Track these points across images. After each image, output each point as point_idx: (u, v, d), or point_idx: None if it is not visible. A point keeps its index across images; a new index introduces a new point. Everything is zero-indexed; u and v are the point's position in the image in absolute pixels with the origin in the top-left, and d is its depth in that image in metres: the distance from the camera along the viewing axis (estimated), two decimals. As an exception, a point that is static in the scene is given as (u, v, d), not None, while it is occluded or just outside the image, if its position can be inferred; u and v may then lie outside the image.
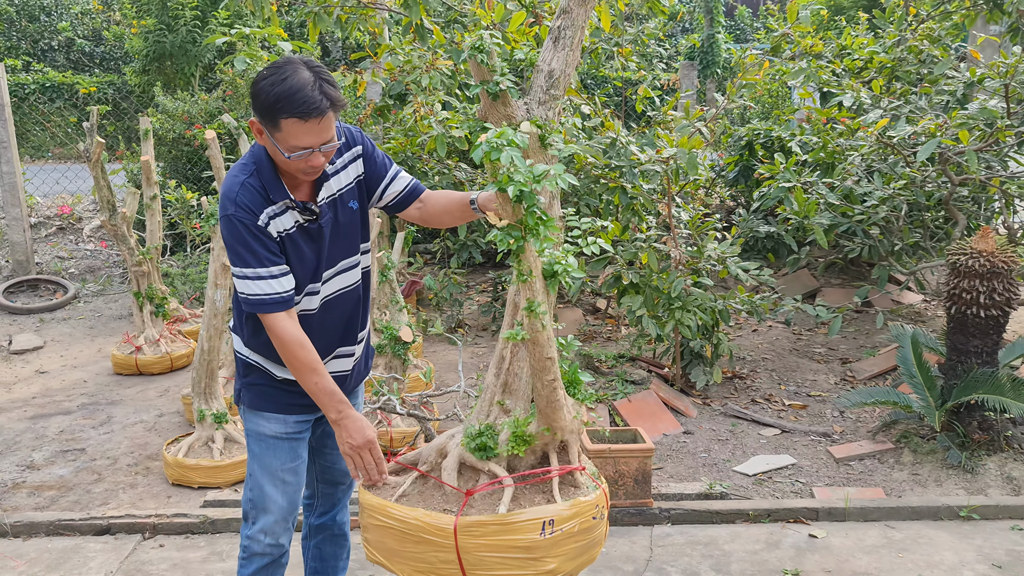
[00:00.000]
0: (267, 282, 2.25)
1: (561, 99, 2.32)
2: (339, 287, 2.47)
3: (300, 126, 2.13)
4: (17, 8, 19.85)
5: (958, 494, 3.92)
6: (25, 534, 3.67)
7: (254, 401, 2.49)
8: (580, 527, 2.19)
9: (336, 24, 5.64)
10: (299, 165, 2.21)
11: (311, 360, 2.27)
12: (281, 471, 2.48)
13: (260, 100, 2.17)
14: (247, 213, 2.23)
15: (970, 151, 4.50)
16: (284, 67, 2.17)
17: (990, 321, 4.16)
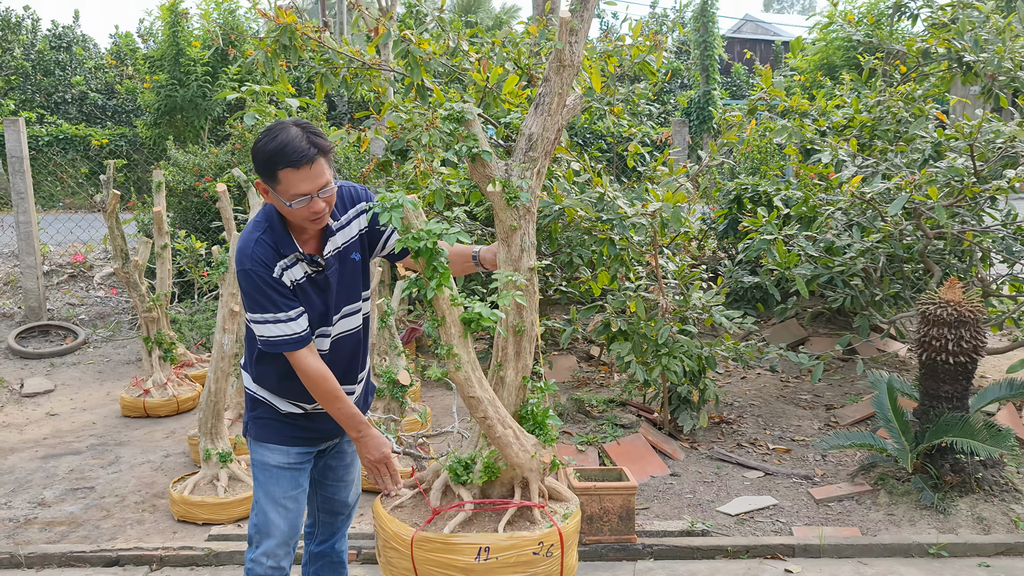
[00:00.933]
0: (285, 324, 2.49)
1: (539, 160, 2.57)
2: (342, 330, 2.69)
3: (295, 174, 2.39)
4: (33, 63, 20.43)
5: (930, 533, 4.09)
6: (39, 565, 3.86)
7: (260, 433, 2.71)
8: (517, 559, 2.39)
9: (342, 84, 5.97)
10: (303, 213, 2.45)
11: (334, 389, 2.52)
12: (283, 498, 2.69)
13: (259, 160, 2.45)
14: (262, 267, 2.47)
15: (939, 206, 4.76)
16: (274, 128, 2.46)
17: (959, 367, 4.37)
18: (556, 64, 2.53)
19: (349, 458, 2.94)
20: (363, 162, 8.34)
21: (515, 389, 2.64)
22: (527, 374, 2.64)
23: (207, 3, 14.84)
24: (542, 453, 2.51)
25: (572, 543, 2.53)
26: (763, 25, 33.92)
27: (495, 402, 2.42)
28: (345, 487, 2.96)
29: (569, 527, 2.53)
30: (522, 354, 2.61)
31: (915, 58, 6.54)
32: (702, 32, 18.56)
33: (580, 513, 2.62)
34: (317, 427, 2.74)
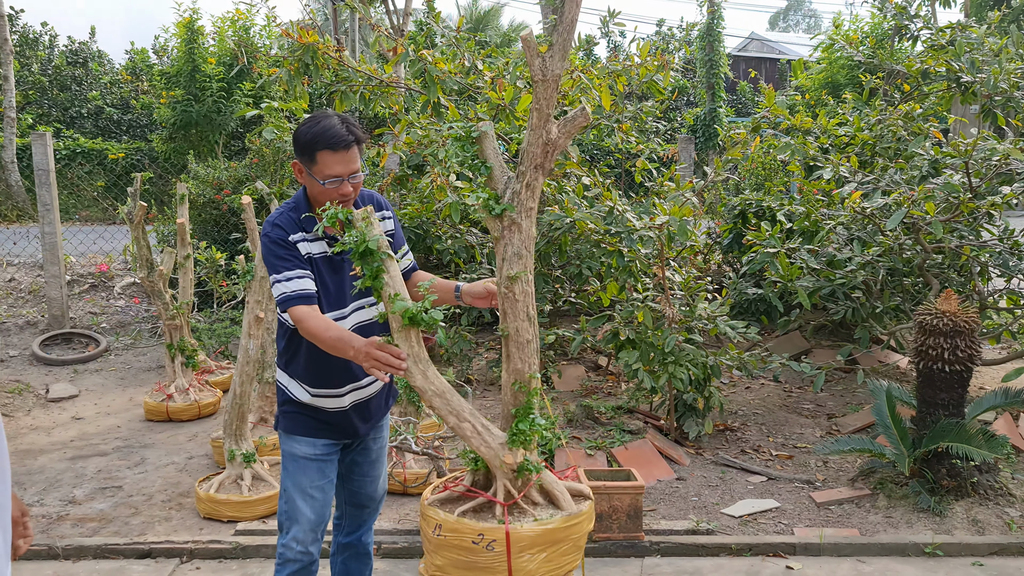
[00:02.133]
0: (292, 281, 2.68)
1: (527, 173, 2.70)
2: (363, 319, 2.87)
3: (332, 156, 2.67)
4: (50, 78, 20.77)
5: (926, 534, 4.26)
6: (75, 557, 4.06)
7: (288, 426, 2.91)
8: (459, 542, 2.59)
9: (360, 101, 6.20)
10: (332, 193, 2.70)
11: (336, 332, 2.61)
12: (310, 488, 2.86)
13: (300, 141, 2.72)
14: (281, 231, 2.73)
15: (936, 221, 4.96)
16: (318, 115, 2.76)
17: (955, 376, 4.54)
18: (535, 80, 2.66)
19: (374, 455, 3.10)
20: (378, 177, 8.57)
21: (508, 390, 2.79)
22: (520, 378, 2.75)
23: (223, 20, 15.17)
24: (505, 454, 2.63)
25: (532, 547, 2.55)
26: (768, 43, 34.21)
27: (444, 395, 2.57)
28: (371, 482, 3.11)
29: (527, 530, 2.55)
30: (512, 359, 2.74)
31: (915, 78, 6.75)
32: (708, 51, 18.83)
33: (569, 524, 2.61)
34: (338, 423, 2.90)
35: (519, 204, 2.66)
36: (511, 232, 2.68)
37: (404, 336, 2.49)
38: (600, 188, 5.67)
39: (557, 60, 2.59)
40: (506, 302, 2.69)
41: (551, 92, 2.60)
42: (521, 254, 2.66)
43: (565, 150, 6.28)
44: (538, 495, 2.68)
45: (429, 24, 6.72)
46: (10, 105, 16.83)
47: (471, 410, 2.62)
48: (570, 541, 2.59)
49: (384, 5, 15.72)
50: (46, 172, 7.85)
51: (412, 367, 2.51)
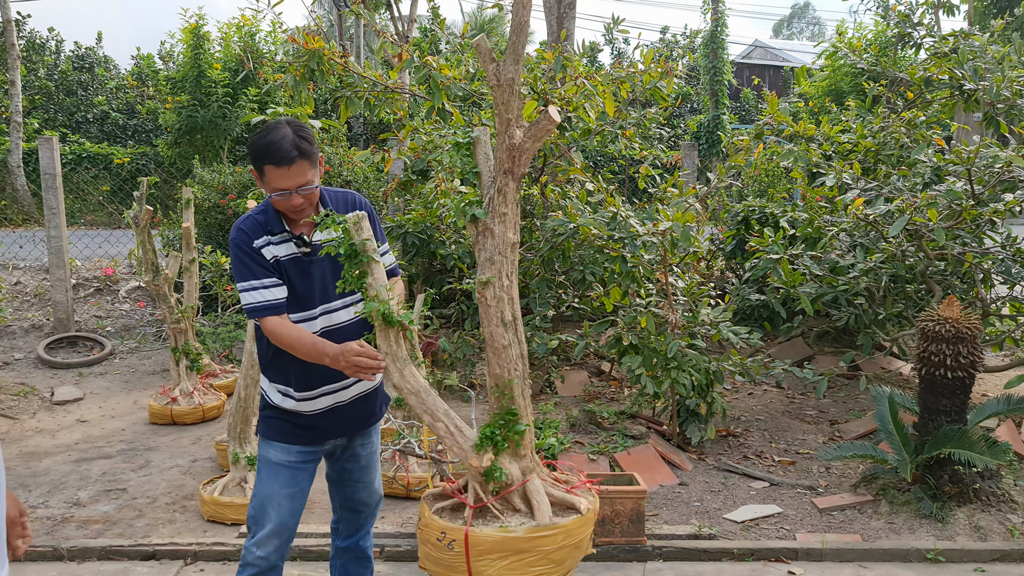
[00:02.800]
0: (260, 291, 2.73)
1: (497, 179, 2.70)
2: (334, 323, 2.86)
3: (276, 171, 2.69)
4: (56, 83, 20.87)
5: (928, 540, 4.27)
6: (79, 558, 4.08)
7: (266, 430, 2.93)
8: (427, 537, 2.64)
9: (365, 106, 6.23)
10: (282, 204, 2.75)
11: (308, 341, 2.68)
12: (279, 494, 2.86)
13: (251, 152, 2.77)
14: (245, 236, 2.76)
15: (938, 228, 4.97)
16: (269, 126, 2.75)
17: (957, 382, 4.55)
18: (491, 86, 2.65)
19: (364, 461, 3.09)
20: (382, 182, 8.60)
21: (492, 394, 2.79)
22: (500, 383, 2.74)
23: (228, 27, 15.23)
24: (473, 456, 2.63)
25: (491, 553, 2.53)
26: (772, 51, 34.27)
27: (419, 394, 2.59)
28: (363, 487, 3.11)
29: (485, 535, 2.53)
30: (491, 364, 2.72)
31: (918, 86, 6.78)
32: (712, 58, 18.87)
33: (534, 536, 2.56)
34: (316, 426, 2.89)
35: (492, 210, 2.67)
36: (484, 237, 2.68)
37: (384, 335, 2.54)
38: (603, 194, 5.69)
39: (509, 64, 2.60)
40: (481, 308, 2.70)
41: (508, 96, 2.60)
42: (494, 259, 2.66)
43: (568, 157, 6.32)
44: (520, 502, 2.66)
45: (434, 31, 6.76)
46: (16, 110, 16.91)
47: (446, 410, 2.64)
48: (538, 552, 2.51)
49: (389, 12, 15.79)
50: (52, 176, 7.89)
51: (390, 365, 2.55)
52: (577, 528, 2.61)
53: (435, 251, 7.06)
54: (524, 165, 2.69)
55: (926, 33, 7.13)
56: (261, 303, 2.73)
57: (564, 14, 9.35)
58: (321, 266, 2.83)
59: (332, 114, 15.61)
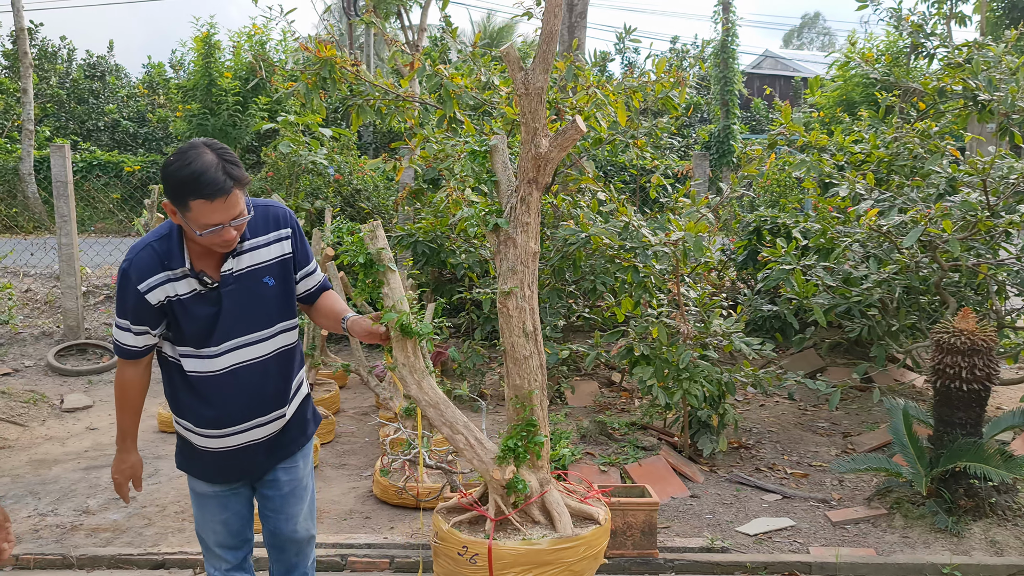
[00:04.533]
0: (126, 334, 2.56)
1: (521, 188, 2.69)
2: (245, 358, 2.58)
3: (207, 206, 2.33)
4: (68, 91, 20.99)
5: (944, 555, 4.21)
6: (89, 567, 4.06)
7: (180, 463, 2.80)
8: (447, 552, 2.61)
9: (376, 115, 6.24)
10: (213, 240, 2.41)
11: (125, 401, 2.71)
12: (212, 522, 2.78)
13: (169, 184, 2.37)
14: (137, 274, 2.47)
15: (953, 239, 4.93)
16: (188, 152, 2.37)
17: (972, 394, 4.51)
18: (519, 94, 2.64)
19: (287, 488, 2.79)
20: (393, 190, 8.60)
21: (510, 405, 2.77)
22: (519, 394, 2.72)
23: (239, 35, 15.31)
24: (494, 469, 2.60)
25: (515, 566, 2.51)
26: (782, 61, 34.25)
27: (438, 406, 2.56)
28: (286, 519, 2.82)
29: (509, 548, 2.52)
30: (510, 374, 2.71)
31: (931, 96, 6.74)
32: (722, 68, 18.86)
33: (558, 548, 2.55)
34: (230, 464, 2.69)
35: (514, 219, 2.64)
36: (506, 247, 2.66)
37: (400, 345, 2.51)
38: (615, 203, 5.67)
39: (539, 73, 2.57)
40: (502, 318, 2.68)
41: (536, 105, 2.57)
42: (516, 269, 2.63)
43: (580, 166, 6.30)
44: (539, 514, 2.63)
45: (444, 40, 6.76)
46: (28, 118, 17.00)
47: (465, 422, 2.61)
48: (561, 565, 2.50)
49: (399, 20, 15.83)
50: (64, 184, 7.91)
51: (407, 376, 2.52)
52: (597, 539, 2.60)
53: (445, 260, 7.04)
54: (548, 174, 2.68)
55: (939, 44, 7.09)
56: (122, 345, 2.60)
57: (575, 23, 9.35)
58: (232, 298, 2.55)
59: (342, 122, 15.65)
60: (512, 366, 2.70)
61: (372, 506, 4.88)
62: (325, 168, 8.20)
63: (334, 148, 8.92)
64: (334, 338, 8.06)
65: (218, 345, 2.54)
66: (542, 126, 2.60)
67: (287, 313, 2.66)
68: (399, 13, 15.80)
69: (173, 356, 2.63)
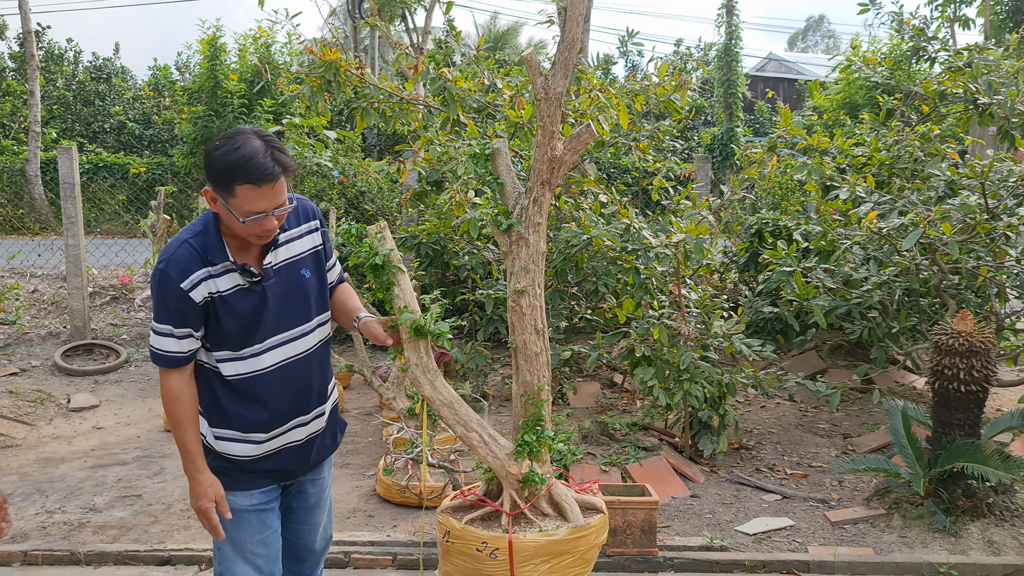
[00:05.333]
0: (168, 339, 2.39)
1: (533, 189, 2.74)
2: (290, 355, 2.52)
3: (254, 192, 2.28)
4: (74, 93, 21.09)
5: (941, 554, 4.25)
6: (96, 563, 4.12)
7: (219, 478, 2.52)
8: (464, 549, 2.63)
9: (380, 117, 6.29)
10: (253, 230, 2.34)
11: (180, 415, 2.43)
12: (250, 543, 2.53)
13: (214, 169, 2.31)
14: (177, 272, 2.35)
15: (952, 241, 4.97)
16: (236, 137, 2.32)
17: (970, 396, 4.54)
18: (538, 99, 2.70)
19: (313, 499, 2.76)
20: (397, 192, 8.65)
21: (518, 402, 2.83)
22: (529, 390, 2.77)
23: (245, 38, 15.39)
24: (511, 464, 2.66)
25: (535, 557, 2.55)
26: (786, 64, 34.27)
27: (452, 405, 2.60)
28: (309, 531, 2.79)
29: (530, 540, 2.57)
30: (520, 371, 2.77)
31: (932, 99, 6.78)
32: (725, 71, 18.91)
33: (574, 537, 2.60)
34: (273, 468, 2.59)
35: (526, 219, 2.70)
36: (519, 247, 2.71)
37: (412, 346, 2.54)
38: (617, 205, 5.71)
39: (559, 79, 2.63)
40: (514, 315, 2.73)
41: (554, 109, 2.63)
42: (528, 268, 2.70)
43: (582, 168, 6.35)
44: (547, 506, 2.70)
45: (448, 43, 6.82)
46: (35, 119, 17.11)
47: (479, 420, 2.66)
48: (576, 553, 2.57)
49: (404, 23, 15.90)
50: (71, 186, 7.98)
51: (420, 376, 2.56)
52: (604, 527, 2.71)
53: (448, 262, 7.09)
54: (561, 176, 2.74)
55: (940, 47, 7.13)
56: (165, 352, 2.41)
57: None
58: (274, 292, 2.48)
59: (346, 125, 15.72)
60: (523, 363, 2.76)
61: (375, 505, 4.93)
62: (330, 170, 8.26)
63: (339, 151, 8.98)
64: (338, 338, 8.12)
65: (262, 342, 2.47)
66: (558, 130, 2.67)
67: (323, 306, 2.63)
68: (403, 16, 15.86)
69: (209, 363, 2.50)
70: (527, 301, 2.69)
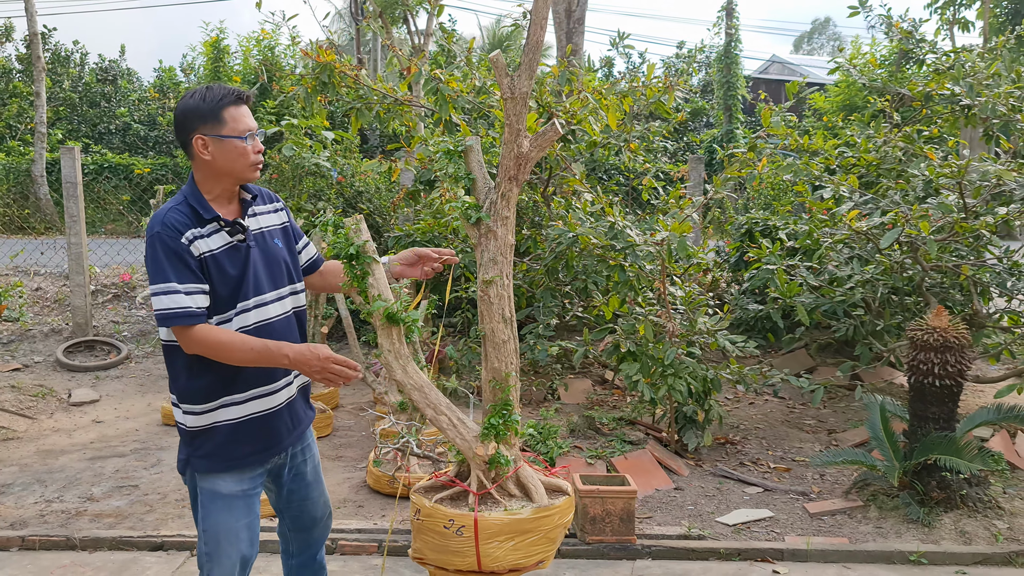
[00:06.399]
0: (180, 296, 2.42)
1: (501, 184, 2.85)
2: (273, 315, 2.66)
3: (239, 110, 2.55)
4: (80, 95, 21.28)
5: (913, 543, 4.36)
6: (91, 548, 4.26)
7: (210, 466, 2.62)
8: (432, 526, 2.75)
9: (375, 118, 6.43)
10: (248, 153, 2.55)
11: (240, 341, 2.48)
12: (237, 526, 2.63)
13: (202, 108, 2.53)
14: (172, 231, 2.45)
15: (930, 240, 5.08)
16: (198, 87, 2.60)
17: (945, 390, 4.65)
18: (504, 98, 2.82)
19: (311, 477, 2.93)
20: (392, 192, 8.78)
21: (487, 387, 2.94)
22: (497, 376, 2.89)
23: (248, 40, 15.55)
24: (478, 446, 2.78)
25: (499, 535, 2.66)
26: (789, 66, 34.33)
27: (422, 389, 2.72)
28: (312, 503, 2.95)
29: (494, 519, 2.67)
30: (489, 358, 2.88)
31: (920, 101, 6.88)
32: (725, 73, 19.01)
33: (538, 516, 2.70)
34: (269, 430, 2.68)
35: (495, 213, 2.82)
36: (487, 239, 2.83)
37: (385, 333, 2.67)
38: (602, 204, 5.84)
39: (524, 79, 2.75)
40: (483, 305, 2.86)
41: (520, 108, 2.75)
42: (496, 260, 2.81)
43: (571, 169, 6.47)
44: (514, 488, 2.82)
45: (444, 45, 6.96)
46: (41, 121, 17.29)
47: (448, 404, 2.79)
48: (540, 532, 2.68)
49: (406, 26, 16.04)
50: (74, 185, 8.13)
51: (393, 362, 2.68)
52: (569, 508, 2.80)
53: (442, 260, 7.20)
54: (527, 172, 2.86)
55: (928, 49, 7.22)
56: (184, 309, 2.42)
57: (573, 29, 9.52)
58: (256, 253, 2.64)
59: (347, 126, 15.86)
60: (491, 350, 2.87)
61: (365, 495, 5.06)
62: (328, 171, 8.39)
63: (337, 151, 9.12)
64: (333, 336, 8.25)
65: (244, 301, 2.57)
66: (524, 128, 2.79)
67: (296, 276, 2.81)
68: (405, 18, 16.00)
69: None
70: (495, 291, 2.81)
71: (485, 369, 2.88)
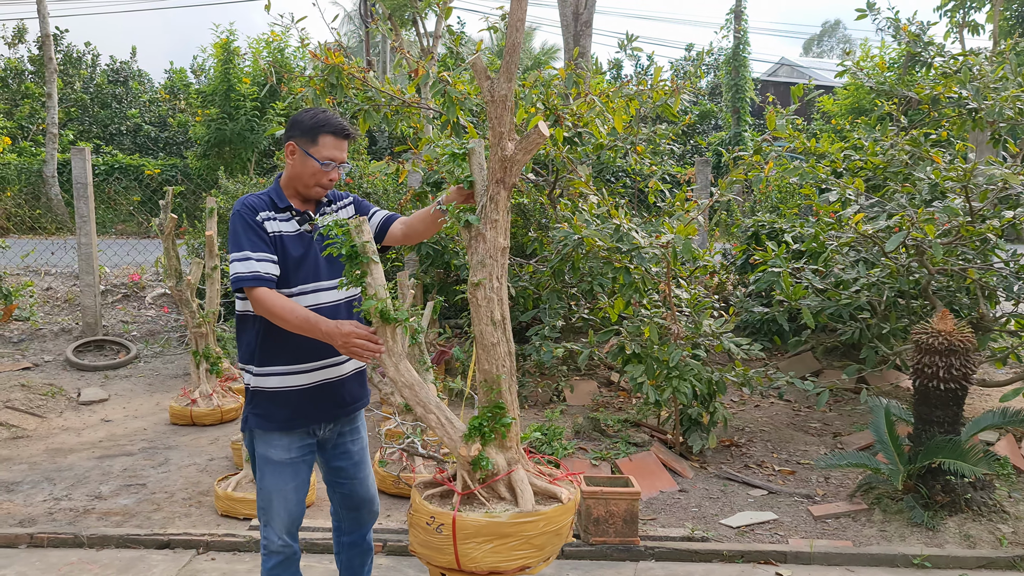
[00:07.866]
0: (253, 263, 2.79)
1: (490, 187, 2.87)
2: (321, 301, 2.96)
3: (334, 141, 2.90)
4: (91, 96, 21.40)
5: (917, 547, 4.36)
6: (99, 545, 4.29)
7: (261, 424, 2.98)
8: (417, 522, 2.78)
9: (383, 120, 6.45)
10: (321, 178, 2.92)
11: (296, 310, 2.75)
12: (284, 489, 3.00)
13: (305, 123, 2.91)
14: (249, 210, 2.87)
15: (935, 243, 5.08)
16: (320, 108, 3.00)
17: (949, 393, 4.65)
18: (486, 101, 2.84)
19: (356, 456, 3.21)
20: (399, 193, 8.82)
21: (480, 389, 2.96)
22: (488, 378, 2.89)
23: (258, 42, 15.62)
24: (462, 446, 2.80)
25: (477, 536, 2.68)
26: (799, 69, 34.25)
27: (413, 387, 2.74)
28: (359, 483, 3.23)
29: (472, 520, 2.68)
30: (480, 360, 2.90)
31: (927, 104, 6.88)
32: (733, 75, 19.00)
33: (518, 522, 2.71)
34: (304, 404, 2.96)
35: (484, 217, 2.84)
36: (477, 242, 2.85)
37: (380, 331, 2.71)
38: (608, 206, 5.85)
39: (503, 82, 2.76)
40: (472, 307, 2.87)
41: (501, 111, 2.77)
42: (485, 263, 2.82)
43: (576, 171, 6.49)
44: (505, 490, 2.82)
45: (457, 48, 6.99)
46: (52, 121, 17.41)
47: (438, 403, 2.81)
48: (521, 537, 2.67)
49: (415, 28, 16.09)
50: (84, 185, 8.19)
51: (386, 359, 2.71)
52: (557, 516, 2.76)
53: (449, 262, 7.24)
54: (515, 175, 2.86)
55: (935, 53, 7.22)
56: (253, 273, 2.78)
57: (580, 31, 9.53)
58: (319, 244, 2.96)
59: (357, 128, 15.88)
60: (482, 352, 2.88)
61: (370, 495, 5.08)
62: (336, 172, 8.42)
63: (345, 152, 9.14)
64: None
65: (304, 284, 2.92)
66: (508, 131, 2.79)
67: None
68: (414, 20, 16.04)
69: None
70: (483, 293, 2.82)
71: (477, 371, 2.90)
